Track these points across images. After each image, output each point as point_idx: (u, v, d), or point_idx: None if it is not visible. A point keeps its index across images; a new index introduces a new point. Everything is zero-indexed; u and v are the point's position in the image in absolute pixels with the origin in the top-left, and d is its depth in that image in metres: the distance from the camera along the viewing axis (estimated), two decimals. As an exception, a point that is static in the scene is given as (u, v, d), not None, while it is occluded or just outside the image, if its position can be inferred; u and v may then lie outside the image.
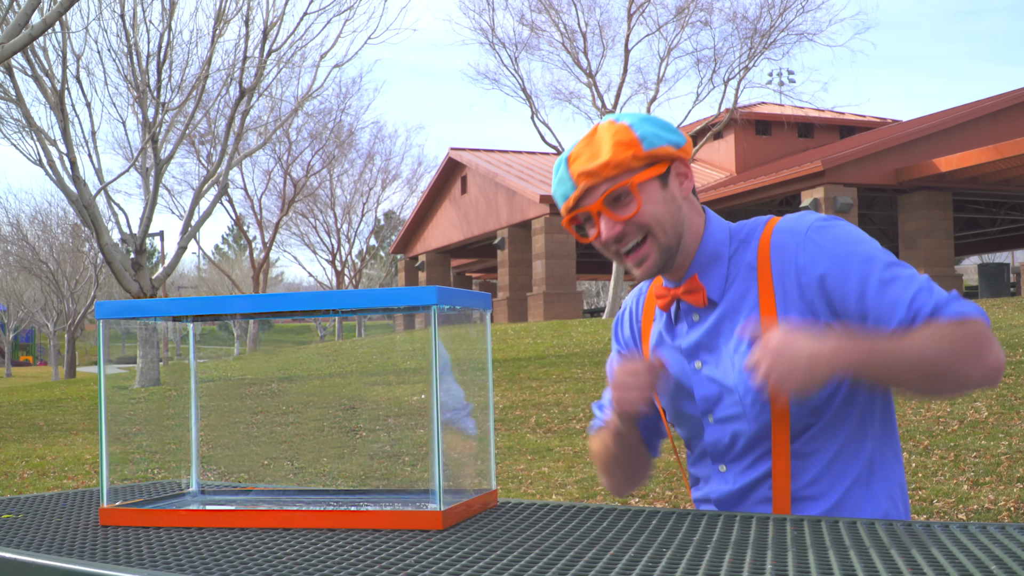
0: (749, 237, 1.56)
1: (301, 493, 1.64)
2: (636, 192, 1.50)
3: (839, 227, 1.50)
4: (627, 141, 1.49)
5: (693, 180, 1.58)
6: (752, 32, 21.67)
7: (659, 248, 1.53)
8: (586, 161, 1.51)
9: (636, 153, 1.49)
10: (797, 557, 1.10)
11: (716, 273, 1.56)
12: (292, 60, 16.71)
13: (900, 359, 1.39)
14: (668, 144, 1.51)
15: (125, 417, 9.96)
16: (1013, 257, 40.97)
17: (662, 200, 1.52)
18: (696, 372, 1.58)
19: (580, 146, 1.54)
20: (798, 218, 1.54)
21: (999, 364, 1.42)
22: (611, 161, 1.48)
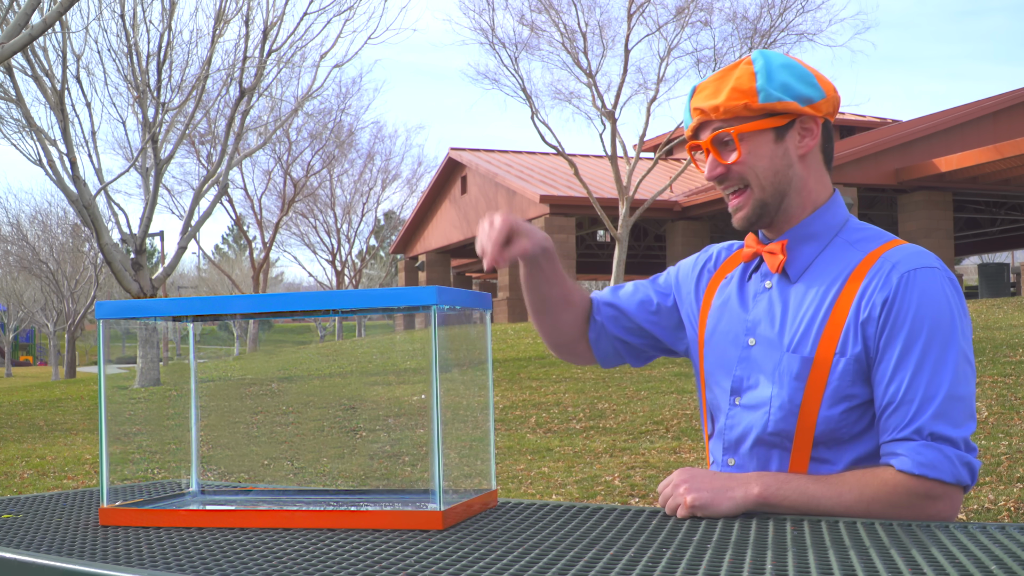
0: (861, 243, 1.52)
1: (301, 493, 1.64)
2: (737, 142, 1.49)
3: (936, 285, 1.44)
4: (745, 89, 1.48)
5: (818, 138, 1.52)
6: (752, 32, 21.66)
7: (755, 201, 1.52)
8: (705, 97, 1.52)
9: (749, 103, 1.48)
10: (797, 557, 1.10)
11: (806, 252, 1.53)
12: (292, 60, 16.72)
13: (814, 504, 1.40)
14: (794, 99, 1.48)
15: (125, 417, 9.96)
16: (1013, 257, 40.96)
17: (769, 154, 1.50)
18: (747, 348, 1.55)
19: (711, 78, 1.54)
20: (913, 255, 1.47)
21: (938, 519, 1.39)
22: (722, 105, 1.48)
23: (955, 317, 1.43)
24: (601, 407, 8.59)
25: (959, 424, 1.39)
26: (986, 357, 8.95)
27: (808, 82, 1.49)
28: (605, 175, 24.90)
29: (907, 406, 1.41)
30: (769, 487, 1.39)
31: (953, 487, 1.39)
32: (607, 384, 9.76)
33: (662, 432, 7.46)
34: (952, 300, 1.44)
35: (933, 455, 1.38)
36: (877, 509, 1.38)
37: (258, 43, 15.17)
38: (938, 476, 1.37)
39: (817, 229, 1.53)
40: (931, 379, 1.40)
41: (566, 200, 22.65)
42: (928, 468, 1.37)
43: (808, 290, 1.51)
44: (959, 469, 1.38)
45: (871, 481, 1.39)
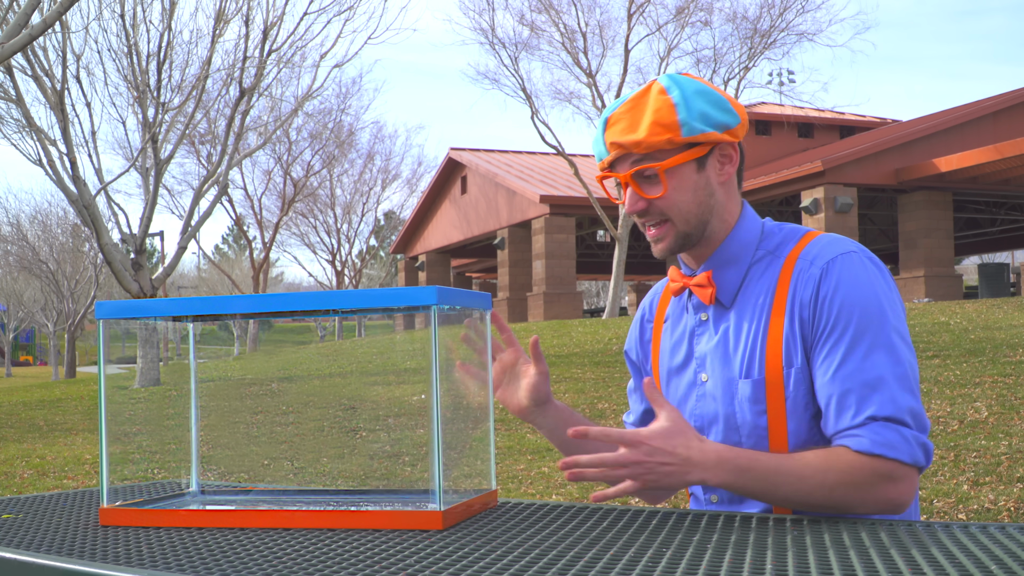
0: (778, 250, 1.51)
1: (301, 493, 1.64)
2: (663, 177, 1.47)
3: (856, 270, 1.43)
4: (667, 123, 1.45)
5: (736, 163, 1.52)
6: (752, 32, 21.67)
7: (676, 234, 1.51)
8: (621, 132, 1.48)
9: (672, 138, 1.45)
10: (797, 557, 1.10)
11: (731, 276, 1.52)
12: (292, 60, 16.72)
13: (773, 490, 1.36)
14: (714, 129, 1.46)
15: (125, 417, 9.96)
16: (1013, 257, 40.98)
17: (692, 186, 1.48)
18: (700, 384, 1.55)
19: (622, 110, 1.49)
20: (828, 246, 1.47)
21: (898, 501, 1.37)
22: (643, 141, 1.45)
23: (880, 297, 1.42)
24: (601, 407, 8.59)
25: (906, 403, 1.38)
26: (986, 357, 8.95)
27: (724, 108, 1.48)
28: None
29: (853, 395, 1.39)
30: (726, 479, 1.35)
31: (910, 468, 1.37)
32: (607, 384, 9.76)
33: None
34: (875, 280, 1.43)
35: (890, 435, 1.36)
36: (840, 492, 1.35)
37: (258, 43, 15.18)
38: (896, 456, 1.35)
39: (735, 251, 1.52)
40: (870, 363, 1.38)
41: (566, 200, 22.65)
42: (887, 448, 1.35)
43: (743, 313, 1.50)
44: (915, 449, 1.36)
45: (835, 463, 1.36)
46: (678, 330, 1.60)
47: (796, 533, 1.24)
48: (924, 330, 11.36)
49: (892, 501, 1.37)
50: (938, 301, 17.12)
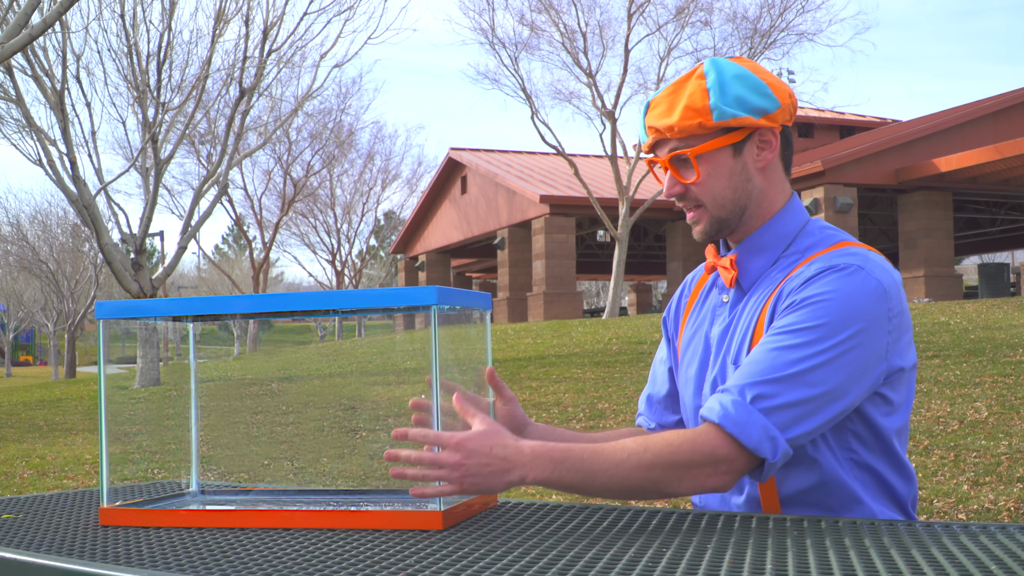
0: (807, 250, 1.48)
1: (301, 493, 1.64)
2: (694, 162, 1.47)
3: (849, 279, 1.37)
4: (698, 107, 1.44)
5: (776, 149, 1.50)
6: (752, 32, 21.67)
7: (710, 219, 1.51)
8: (658, 116, 1.49)
9: (703, 122, 1.44)
10: (797, 557, 1.10)
11: (757, 264, 1.51)
12: (292, 60, 16.72)
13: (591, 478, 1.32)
14: (749, 113, 1.44)
15: (125, 417, 9.96)
16: (1013, 257, 40.98)
17: (728, 172, 1.48)
18: (712, 366, 1.54)
19: (663, 93, 1.50)
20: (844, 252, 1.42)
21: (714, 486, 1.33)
22: (676, 125, 1.46)
23: (855, 318, 1.35)
24: (601, 407, 8.59)
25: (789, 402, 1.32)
26: (986, 357, 8.95)
27: (762, 93, 1.46)
28: (605, 175, 24.90)
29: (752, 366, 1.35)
30: (543, 472, 1.32)
31: (745, 453, 1.31)
32: (607, 384, 9.76)
33: (662, 432, 7.45)
34: (864, 302, 1.36)
35: (743, 413, 1.31)
36: (656, 473, 1.31)
37: (258, 43, 15.18)
38: (735, 433, 1.30)
39: (767, 240, 1.51)
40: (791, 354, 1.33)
41: (566, 200, 22.65)
42: (730, 422, 1.31)
43: (751, 301, 1.50)
44: (762, 439, 1.30)
45: (655, 443, 1.32)
46: (705, 309, 1.60)
47: (796, 533, 1.24)
48: (924, 330, 11.36)
49: (709, 482, 1.32)
50: (938, 301, 17.12)
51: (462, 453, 1.32)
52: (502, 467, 1.32)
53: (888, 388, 1.43)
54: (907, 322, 1.44)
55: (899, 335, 1.41)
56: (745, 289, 1.52)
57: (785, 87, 1.49)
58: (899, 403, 1.46)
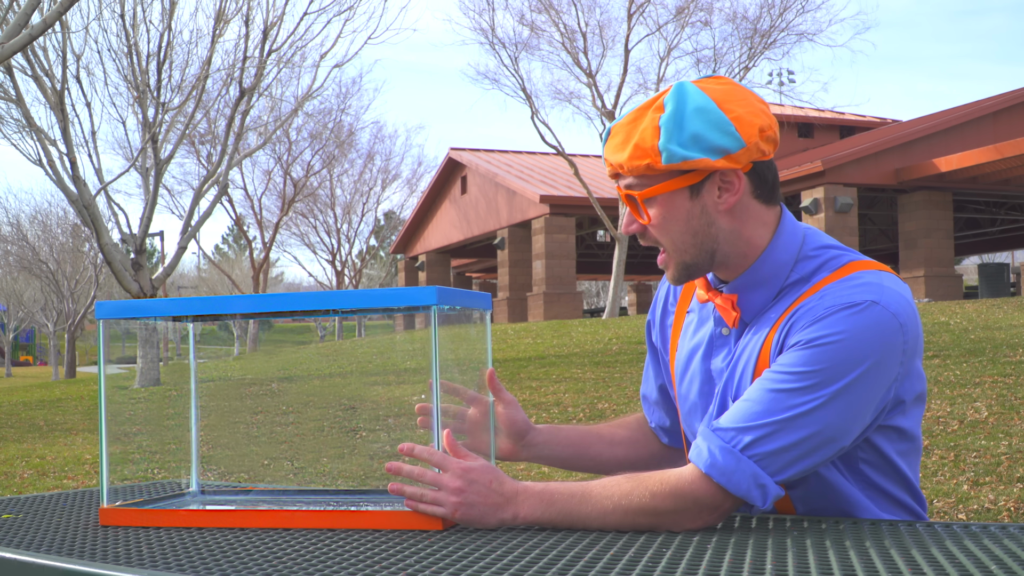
0: (811, 277, 1.38)
1: (301, 493, 1.64)
2: (642, 205, 1.38)
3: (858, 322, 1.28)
4: (647, 147, 1.33)
5: (740, 192, 1.36)
6: (752, 32, 21.67)
7: (677, 264, 1.41)
8: (613, 149, 1.39)
9: (652, 164, 1.34)
10: (797, 557, 1.10)
11: (757, 299, 1.41)
12: (292, 60, 16.72)
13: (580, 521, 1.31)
14: (706, 154, 1.32)
15: (125, 417, 9.96)
16: (1013, 257, 40.98)
17: (684, 216, 1.37)
18: (715, 396, 1.48)
19: (623, 122, 1.39)
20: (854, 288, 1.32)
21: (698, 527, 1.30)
22: (625, 164, 1.36)
23: (864, 356, 1.28)
24: (601, 407, 8.59)
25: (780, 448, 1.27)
26: (986, 357, 8.95)
27: (724, 131, 1.32)
28: (605, 175, 24.87)
29: (746, 405, 1.30)
30: (534, 512, 1.31)
31: (732, 499, 1.29)
32: (607, 384, 9.76)
33: (662, 432, 7.45)
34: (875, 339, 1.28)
35: (731, 461, 1.27)
36: (643, 520, 1.29)
37: (258, 43, 15.18)
38: (723, 483, 1.27)
39: (765, 274, 1.40)
40: (788, 399, 1.27)
41: (566, 200, 22.65)
42: (718, 472, 1.27)
43: (755, 333, 1.41)
44: (750, 487, 1.27)
45: (640, 490, 1.29)
46: (700, 334, 1.52)
47: (796, 533, 1.24)
48: (924, 330, 11.33)
49: (695, 526, 1.30)
50: (938, 301, 17.12)
51: (464, 481, 1.32)
52: (497, 502, 1.32)
53: (898, 417, 1.38)
54: (920, 345, 1.37)
55: (911, 364, 1.35)
56: (747, 322, 1.43)
57: (757, 120, 1.35)
58: (909, 430, 1.42)
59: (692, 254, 1.40)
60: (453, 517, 1.32)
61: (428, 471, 1.34)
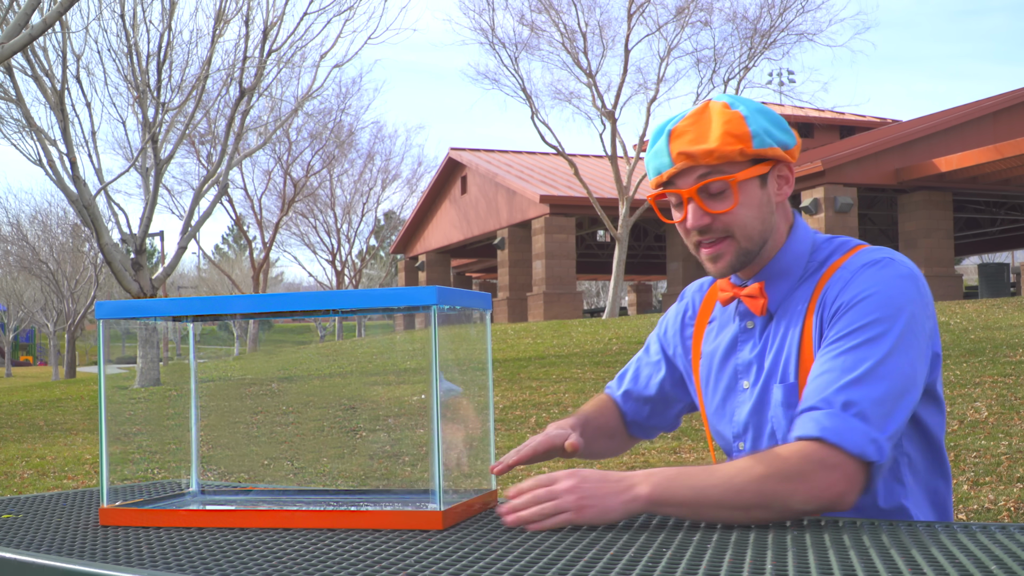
0: (825, 262, 1.50)
1: (301, 493, 1.64)
2: (735, 189, 1.45)
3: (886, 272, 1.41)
4: (739, 133, 1.43)
5: (793, 185, 1.52)
6: (752, 32, 21.67)
7: (737, 251, 1.48)
8: (690, 141, 1.44)
9: (744, 149, 1.43)
10: (797, 557, 1.10)
11: (782, 288, 1.51)
12: (292, 60, 16.72)
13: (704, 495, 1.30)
14: (777, 145, 1.46)
15: (125, 417, 9.96)
16: (1013, 257, 40.98)
17: (758, 202, 1.47)
18: (742, 391, 1.55)
19: (686, 122, 1.46)
20: (868, 252, 1.46)
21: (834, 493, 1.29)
22: (716, 150, 1.42)
23: (900, 300, 1.38)
24: (601, 407, 8.58)
25: (874, 398, 1.32)
26: (986, 357, 8.95)
27: (783, 128, 1.48)
28: (605, 175, 24.90)
29: (825, 376, 1.35)
30: (658, 486, 1.30)
31: (853, 460, 1.30)
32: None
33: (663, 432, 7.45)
34: (903, 285, 1.40)
35: (839, 422, 1.30)
36: (770, 485, 1.28)
37: (258, 43, 15.18)
38: (838, 442, 1.29)
39: (787, 263, 1.51)
40: (859, 354, 1.35)
41: (566, 200, 22.65)
42: (831, 433, 1.30)
43: (784, 320, 1.50)
44: (865, 443, 1.30)
45: (764, 457, 1.32)
46: (723, 335, 1.59)
47: (796, 533, 1.24)
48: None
49: (831, 493, 1.29)
50: (938, 301, 17.13)
51: (575, 479, 1.33)
52: (614, 488, 1.32)
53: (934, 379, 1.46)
54: (933, 308, 1.48)
55: (934, 320, 1.45)
56: (772, 313, 1.51)
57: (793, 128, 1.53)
58: (941, 398, 1.50)
59: (755, 240, 1.48)
60: (580, 515, 1.30)
61: (538, 488, 1.34)
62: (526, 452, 1.52)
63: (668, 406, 1.76)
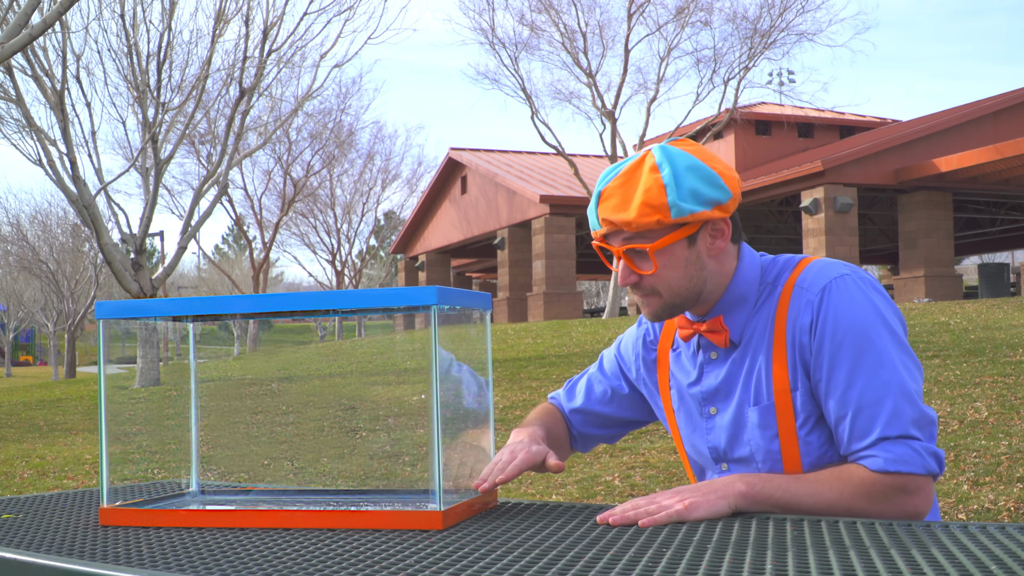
0: (776, 281, 1.55)
1: (301, 493, 1.64)
2: (653, 258, 1.50)
3: (851, 292, 1.47)
4: (656, 204, 1.46)
5: (728, 236, 1.54)
6: (752, 32, 21.66)
7: (663, 304, 1.55)
8: (612, 209, 1.50)
9: (662, 219, 1.47)
10: (797, 557, 1.10)
11: (741, 315, 1.56)
12: (292, 60, 16.71)
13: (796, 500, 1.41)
14: (704, 207, 1.48)
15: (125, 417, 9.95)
16: (1013, 257, 40.97)
17: (683, 263, 1.52)
18: (710, 418, 1.59)
19: (614, 184, 1.51)
20: (821, 271, 1.51)
21: (916, 511, 1.42)
22: (633, 221, 1.48)
23: (876, 316, 1.46)
24: (601, 407, 8.59)
25: (912, 416, 1.42)
26: (986, 357, 8.95)
27: (715, 184, 1.49)
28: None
29: (861, 416, 1.43)
30: (754, 485, 1.40)
31: (925, 478, 1.41)
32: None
33: (662, 432, 7.46)
34: (870, 299, 1.47)
35: (901, 450, 1.40)
36: (858, 504, 1.40)
37: (258, 43, 15.17)
38: (911, 470, 1.40)
39: (742, 290, 1.56)
40: (875, 382, 1.43)
41: (566, 200, 22.64)
42: (900, 463, 1.40)
43: (748, 345, 1.55)
44: (927, 460, 1.41)
45: (850, 478, 1.41)
46: (687, 364, 1.64)
47: (796, 533, 1.24)
48: (924, 330, 11.36)
49: (910, 513, 1.41)
50: (938, 301, 17.12)
51: (674, 489, 1.40)
52: (714, 486, 1.40)
53: None
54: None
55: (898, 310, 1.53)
56: (736, 341, 1.56)
57: (734, 174, 1.54)
58: None
59: (683, 296, 1.54)
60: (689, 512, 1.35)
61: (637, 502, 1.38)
62: (512, 471, 1.50)
63: (616, 424, 1.81)
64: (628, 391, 1.77)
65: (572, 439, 1.82)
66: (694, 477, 1.70)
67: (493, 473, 1.50)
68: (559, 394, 1.84)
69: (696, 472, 1.69)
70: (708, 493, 1.38)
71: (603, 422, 1.80)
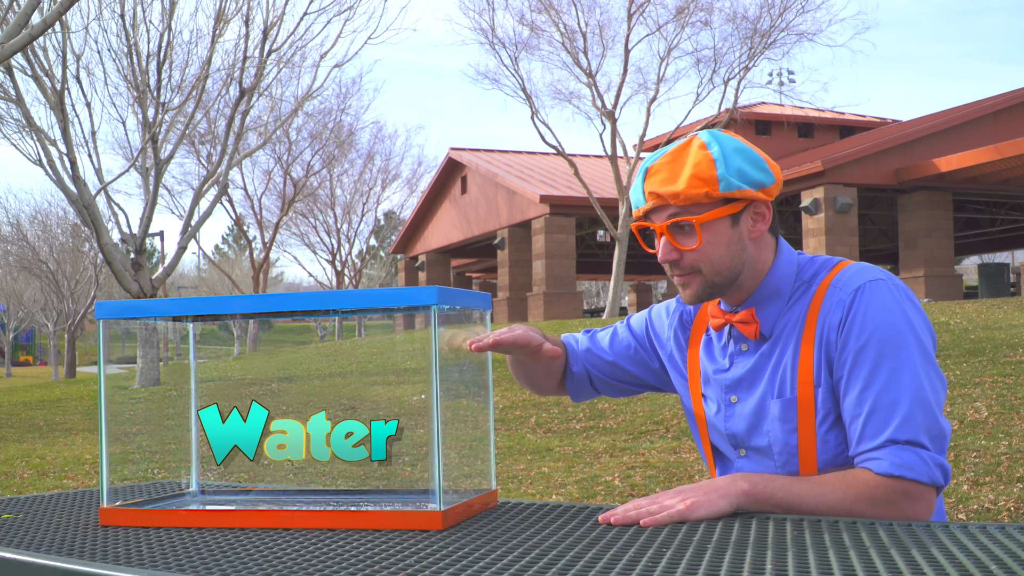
0: (812, 279, 1.57)
1: (301, 493, 1.64)
2: (699, 230, 1.52)
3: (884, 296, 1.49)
4: (705, 177, 1.49)
5: (769, 221, 1.57)
6: (752, 32, 21.65)
7: (703, 283, 1.56)
8: (660, 183, 1.53)
9: (710, 192, 1.50)
10: (797, 557, 1.10)
11: (773, 310, 1.58)
12: (292, 60, 16.71)
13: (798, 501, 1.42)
14: (749, 186, 1.51)
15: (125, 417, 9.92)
16: (1013, 257, 40.96)
17: (726, 241, 1.54)
18: (730, 406, 1.62)
19: (663, 160, 1.54)
20: (857, 273, 1.53)
21: (917, 519, 1.43)
22: (682, 193, 1.50)
23: (906, 322, 1.47)
24: (601, 407, 8.59)
25: (924, 424, 1.43)
26: (986, 357, 8.95)
27: (761, 167, 1.53)
28: (605, 175, 24.90)
29: (874, 417, 1.44)
30: (756, 484, 1.41)
31: (928, 488, 1.43)
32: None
33: (662, 432, 7.46)
34: (902, 306, 1.49)
35: (908, 457, 1.42)
36: (860, 508, 1.41)
37: (258, 43, 15.17)
38: (915, 477, 1.41)
39: (775, 286, 1.58)
40: (893, 386, 1.44)
41: (566, 200, 22.64)
42: (905, 469, 1.41)
43: (779, 339, 1.57)
44: (933, 470, 1.43)
45: (853, 481, 1.43)
46: (717, 353, 1.65)
47: (796, 533, 1.24)
48: (924, 330, 11.34)
49: (911, 518, 1.42)
50: (938, 301, 17.11)
51: (676, 489, 1.42)
52: (716, 484, 1.41)
53: None
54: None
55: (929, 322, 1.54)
56: (766, 334, 1.58)
57: (776, 165, 1.57)
58: None
59: (724, 275, 1.55)
60: (691, 511, 1.36)
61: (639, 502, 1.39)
62: (508, 338, 1.52)
63: (625, 379, 1.80)
64: (649, 355, 1.78)
65: (568, 375, 1.82)
66: (714, 469, 1.71)
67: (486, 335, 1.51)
68: (575, 335, 1.85)
69: (716, 461, 1.70)
70: (710, 492, 1.39)
71: (613, 372, 1.80)
